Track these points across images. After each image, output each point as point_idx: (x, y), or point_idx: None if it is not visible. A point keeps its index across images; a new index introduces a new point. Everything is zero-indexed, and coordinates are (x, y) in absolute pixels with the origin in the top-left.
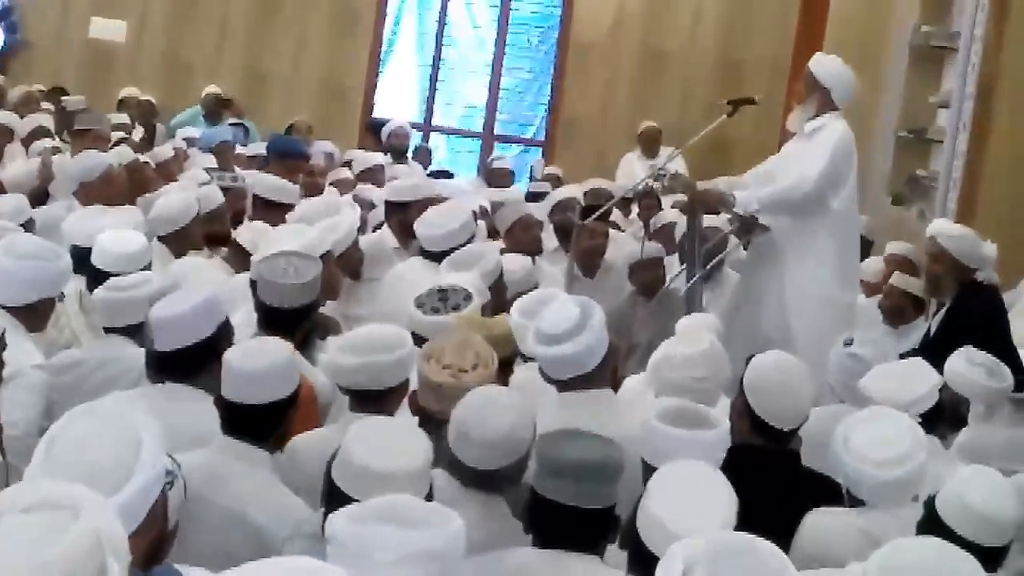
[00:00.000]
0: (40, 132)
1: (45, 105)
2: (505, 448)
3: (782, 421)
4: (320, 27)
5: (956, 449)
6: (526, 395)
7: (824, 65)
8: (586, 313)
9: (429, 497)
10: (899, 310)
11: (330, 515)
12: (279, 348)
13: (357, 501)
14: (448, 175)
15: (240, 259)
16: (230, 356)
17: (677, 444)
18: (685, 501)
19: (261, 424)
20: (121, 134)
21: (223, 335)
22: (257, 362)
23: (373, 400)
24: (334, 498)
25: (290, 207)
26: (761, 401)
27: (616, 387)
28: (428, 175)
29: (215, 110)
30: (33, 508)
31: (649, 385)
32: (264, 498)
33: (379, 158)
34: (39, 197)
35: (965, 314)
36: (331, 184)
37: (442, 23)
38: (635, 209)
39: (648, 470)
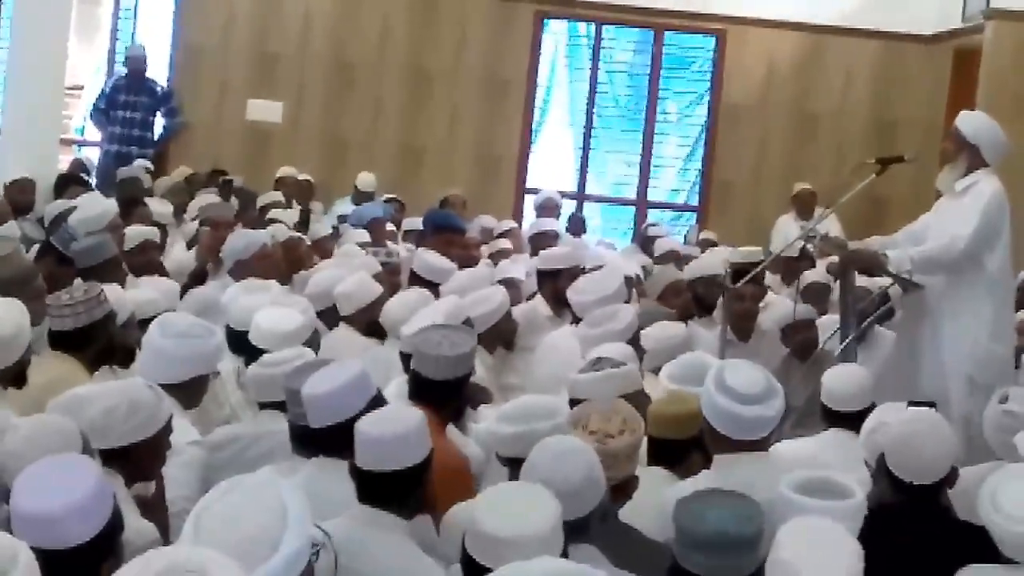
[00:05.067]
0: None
1: (208, 189)
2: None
3: (914, 476)
4: (472, 100)
5: None
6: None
7: (971, 122)
8: (768, 376)
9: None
10: None
11: None
12: (409, 415)
13: (490, 570)
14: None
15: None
16: (361, 425)
17: (811, 514)
18: (814, 550)
19: (396, 491)
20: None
21: (375, 409)
22: (388, 429)
23: None
24: (470, 568)
25: None
26: (893, 457)
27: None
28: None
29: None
30: (164, 573)
31: (862, 448)
32: (402, 564)
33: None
34: (198, 277)
35: None
36: (489, 255)
37: (593, 92)
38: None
39: None
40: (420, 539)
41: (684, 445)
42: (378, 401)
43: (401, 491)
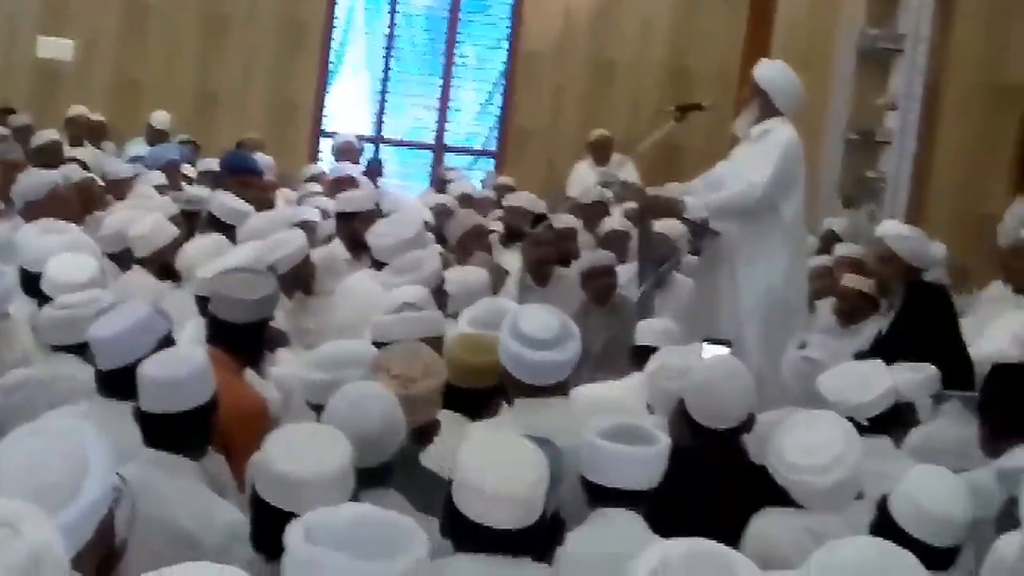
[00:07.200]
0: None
1: None
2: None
3: (712, 421)
4: (268, 44)
5: (908, 449)
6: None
7: (767, 71)
8: (564, 321)
9: (355, 500)
10: (853, 311)
11: (290, 525)
12: (192, 355)
13: (278, 509)
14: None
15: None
16: (143, 368)
17: (617, 460)
18: (497, 464)
19: (181, 433)
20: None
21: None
22: (170, 370)
23: None
24: (261, 508)
25: None
26: (693, 402)
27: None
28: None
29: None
30: None
31: (642, 392)
32: (191, 505)
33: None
34: None
35: (914, 315)
36: (299, 199)
37: (391, 36)
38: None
39: (588, 486)
40: (212, 480)
41: (486, 393)
42: (168, 342)
43: (186, 433)
